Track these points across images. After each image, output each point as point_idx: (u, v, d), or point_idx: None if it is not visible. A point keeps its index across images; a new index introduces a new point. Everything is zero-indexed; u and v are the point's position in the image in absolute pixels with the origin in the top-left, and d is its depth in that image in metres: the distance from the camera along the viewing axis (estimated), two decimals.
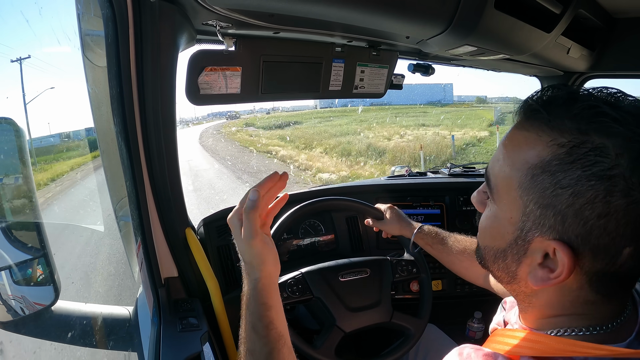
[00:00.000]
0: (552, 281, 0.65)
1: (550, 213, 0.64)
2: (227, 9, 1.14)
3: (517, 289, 0.76)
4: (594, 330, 0.67)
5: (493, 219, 0.76)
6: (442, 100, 65.82)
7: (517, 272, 0.73)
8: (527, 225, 0.68)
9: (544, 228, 0.65)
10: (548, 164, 0.64)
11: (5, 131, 1.02)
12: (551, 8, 1.41)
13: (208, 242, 1.89)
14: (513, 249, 0.71)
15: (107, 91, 1.28)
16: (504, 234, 0.72)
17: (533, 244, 0.68)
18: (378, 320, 1.61)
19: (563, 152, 0.62)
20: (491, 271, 0.81)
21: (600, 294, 0.66)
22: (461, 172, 2.65)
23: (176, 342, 1.34)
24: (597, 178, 0.59)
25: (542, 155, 0.64)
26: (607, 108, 0.61)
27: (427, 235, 1.69)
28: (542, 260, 0.67)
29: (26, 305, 1.10)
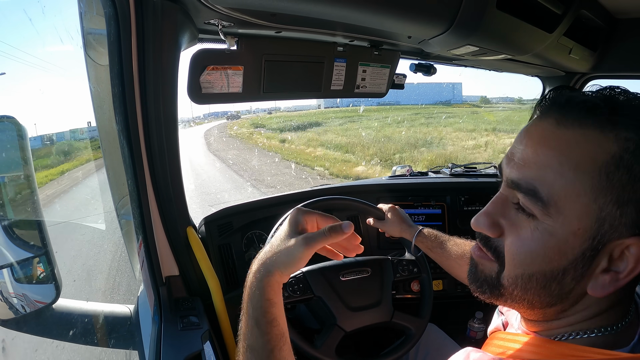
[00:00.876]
0: (622, 281, 0.62)
1: (632, 209, 0.60)
2: (229, 8, 1.14)
3: (547, 311, 0.70)
4: (599, 332, 0.66)
5: (548, 239, 0.65)
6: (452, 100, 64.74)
7: (573, 291, 0.66)
8: (603, 230, 0.61)
9: (623, 228, 0.60)
10: (621, 159, 0.59)
11: (7, 129, 1.02)
12: (553, 8, 1.41)
13: (209, 240, 1.89)
14: (577, 265, 0.64)
15: (109, 90, 1.28)
16: (566, 251, 0.64)
17: (603, 251, 0.62)
18: (379, 320, 1.61)
19: (632, 144, 0.60)
20: (521, 299, 0.70)
21: (624, 290, 0.64)
22: (462, 172, 2.65)
23: (177, 340, 1.34)
24: None
25: (613, 151, 0.60)
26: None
27: (427, 238, 1.68)
28: (608, 265, 0.63)
29: (27, 303, 1.10)
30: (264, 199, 2.14)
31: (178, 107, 1.41)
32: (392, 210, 1.82)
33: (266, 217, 2.04)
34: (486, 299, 0.75)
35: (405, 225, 1.76)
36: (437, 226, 2.30)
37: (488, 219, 0.72)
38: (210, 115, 75.74)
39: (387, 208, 1.83)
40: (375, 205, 1.85)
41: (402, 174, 2.69)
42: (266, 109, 67.66)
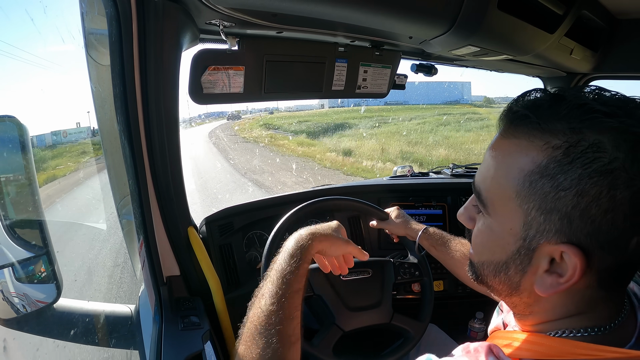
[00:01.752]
0: (562, 286, 0.64)
1: (555, 217, 0.62)
2: (231, 9, 1.15)
3: (518, 300, 0.74)
4: (592, 331, 0.67)
5: (489, 233, 0.73)
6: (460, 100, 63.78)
7: (521, 283, 0.71)
8: (531, 233, 0.65)
9: (549, 234, 0.63)
10: (545, 168, 0.62)
11: (8, 129, 1.03)
12: (554, 9, 1.41)
13: (210, 241, 1.89)
14: (516, 260, 0.69)
15: (111, 90, 1.29)
16: (504, 246, 0.70)
17: (538, 252, 0.66)
18: (378, 321, 1.61)
19: (559, 154, 0.61)
20: (490, 286, 0.78)
21: (605, 290, 0.65)
22: (463, 173, 2.65)
23: (178, 340, 1.34)
24: (598, 174, 0.58)
25: (538, 160, 0.63)
26: (595, 104, 0.61)
27: (432, 237, 1.69)
28: (549, 267, 0.65)
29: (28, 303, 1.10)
30: (264, 199, 2.14)
31: (179, 107, 1.41)
32: (396, 210, 1.84)
33: (267, 218, 2.04)
34: (478, 284, 0.82)
35: (410, 224, 1.77)
36: (438, 227, 2.30)
37: (465, 212, 0.83)
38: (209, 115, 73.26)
39: (391, 209, 1.84)
40: (378, 207, 1.85)
41: (403, 174, 2.69)
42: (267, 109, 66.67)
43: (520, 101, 0.69)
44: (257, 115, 60.27)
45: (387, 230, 1.83)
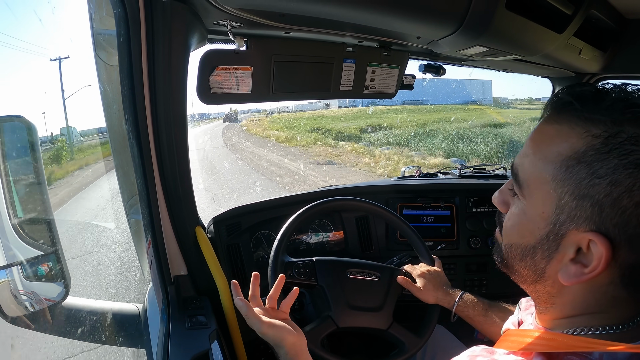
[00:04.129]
0: (586, 276, 0.65)
1: (587, 204, 0.63)
2: (239, 9, 1.15)
3: (542, 289, 0.75)
4: (610, 329, 0.68)
5: (522, 216, 0.74)
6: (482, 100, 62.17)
7: (546, 270, 0.72)
8: (562, 218, 0.67)
9: (579, 220, 0.64)
10: (583, 155, 0.64)
11: (17, 128, 1.03)
12: (563, 9, 1.41)
13: (218, 240, 1.90)
14: (544, 245, 0.70)
15: (119, 90, 1.29)
16: (533, 230, 0.71)
17: (566, 239, 0.67)
18: (374, 326, 1.59)
19: (598, 143, 0.62)
20: (515, 270, 0.79)
21: (627, 290, 0.66)
22: (472, 174, 2.63)
23: (185, 339, 1.35)
24: (634, 166, 0.59)
25: (577, 147, 0.65)
26: (638, 100, 0.63)
27: (469, 306, 1.56)
28: (575, 256, 0.67)
29: (36, 301, 1.11)
30: (272, 199, 2.14)
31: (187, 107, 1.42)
32: (431, 273, 1.68)
33: (275, 218, 2.04)
34: (502, 268, 0.84)
35: (441, 293, 1.62)
36: (446, 227, 2.30)
37: (500, 196, 0.83)
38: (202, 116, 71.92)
39: (427, 270, 1.69)
40: (427, 247, 1.78)
41: (411, 174, 2.69)
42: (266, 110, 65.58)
43: (567, 90, 0.70)
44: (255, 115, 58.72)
45: (413, 293, 1.65)
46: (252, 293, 1.31)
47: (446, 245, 2.23)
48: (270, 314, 1.27)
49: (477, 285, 2.26)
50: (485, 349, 0.77)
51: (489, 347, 0.77)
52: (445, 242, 2.24)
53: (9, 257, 1.04)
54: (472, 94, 61.27)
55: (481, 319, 1.52)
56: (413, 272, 1.69)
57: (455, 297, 1.58)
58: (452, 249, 2.27)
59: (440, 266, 1.73)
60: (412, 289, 1.64)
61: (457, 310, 1.56)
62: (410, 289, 1.64)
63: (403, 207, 2.30)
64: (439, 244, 2.21)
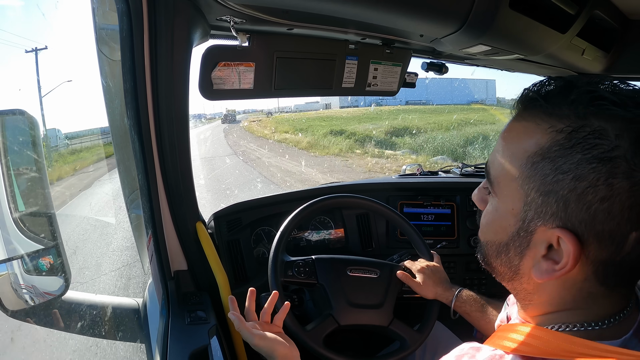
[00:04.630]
0: (557, 273, 0.65)
1: (552, 200, 0.63)
2: (242, 5, 1.15)
3: (519, 286, 0.76)
4: (589, 326, 0.68)
5: (494, 213, 0.75)
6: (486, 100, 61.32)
7: (520, 267, 0.72)
8: (529, 214, 0.67)
9: (546, 216, 0.65)
10: (548, 151, 0.64)
11: (18, 122, 1.03)
12: (566, 9, 1.40)
13: (218, 236, 1.90)
14: (515, 242, 0.71)
15: (121, 85, 1.29)
16: (505, 227, 0.72)
17: (536, 235, 0.67)
18: (375, 322, 1.60)
19: (562, 138, 0.63)
20: (493, 268, 0.80)
21: (605, 286, 0.66)
22: (473, 172, 2.62)
23: (184, 334, 1.35)
24: (597, 160, 0.59)
25: (541, 143, 0.65)
26: (605, 92, 0.62)
27: (466, 302, 1.56)
28: (546, 252, 0.67)
29: (37, 295, 1.11)
30: (273, 196, 2.14)
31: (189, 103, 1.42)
32: (430, 268, 1.69)
33: (275, 214, 2.04)
34: (485, 266, 0.84)
35: (441, 288, 1.63)
36: (446, 226, 2.30)
37: (478, 194, 0.84)
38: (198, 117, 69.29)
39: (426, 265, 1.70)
40: (426, 244, 1.79)
41: (412, 172, 2.68)
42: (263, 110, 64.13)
43: (535, 87, 0.71)
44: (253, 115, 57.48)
45: (412, 287, 1.67)
46: (247, 308, 1.39)
47: (446, 243, 2.23)
48: (263, 328, 1.32)
49: (476, 284, 2.26)
50: (473, 346, 0.77)
51: (476, 345, 0.77)
52: (445, 240, 2.24)
53: (10, 251, 1.05)
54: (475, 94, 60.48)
55: (478, 315, 1.52)
56: (412, 268, 1.70)
57: (453, 293, 1.59)
58: (452, 247, 2.27)
59: (439, 262, 1.74)
60: (412, 284, 1.65)
61: (455, 305, 1.57)
62: (410, 284, 1.65)
63: (404, 205, 2.30)
64: (439, 243, 2.22)
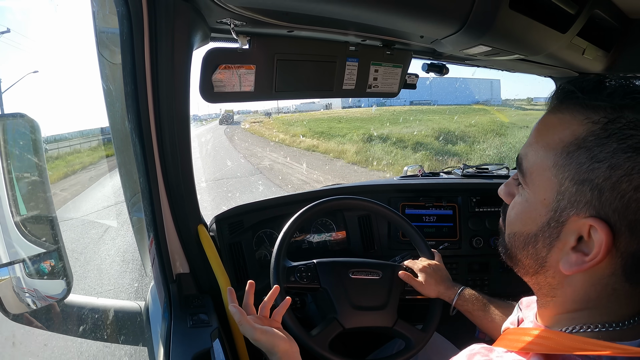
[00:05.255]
0: (587, 264, 0.65)
1: (587, 188, 0.64)
2: (242, 8, 1.15)
3: (543, 280, 0.76)
4: (610, 327, 0.68)
5: (524, 204, 0.76)
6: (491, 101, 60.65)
7: (547, 259, 0.72)
8: (562, 204, 0.68)
9: (579, 205, 0.65)
10: (584, 140, 0.65)
11: (19, 126, 1.03)
12: (566, 8, 1.40)
13: (220, 238, 1.90)
14: (545, 232, 0.71)
15: (122, 88, 1.29)
16: (535, 217, 0.73)
17: (567, 225, 0.68)
18: (380, 324, 1.60)
19: (598, 128, 0.64)
20: (518, 261, 0.80)
21: (629, 282, 0.66)
22: (474, 173, 2.62)
23: (186, 337, 1.35)
24: (632, 150, 0.61)
25: (577, 133, 0.66)
26: (637, 87, 0.65)
27: (468, 301, 1.57)
28: (576, 244, 0.67)
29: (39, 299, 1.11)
30: (275, 198, 2.14)
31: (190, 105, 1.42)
32: (432, 267, 1.68)
33: (277, 216, 2.04)
34: (506, 260, 0.84)
35: (443, 287, 1.63)
36: (448, 227, 2.30)
37: (505, 188, 0.84)
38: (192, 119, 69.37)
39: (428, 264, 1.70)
40: (426, 242, 1.79)
41: (414, 174, 2.68)
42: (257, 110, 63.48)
43: (570, 82, 0.72)
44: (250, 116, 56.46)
45: (414, 287, 1.66)
46: (245, 301, 1.37)
47: (448, 244, 2.23)
48: (263, 322, 1.30)
49: (478, 285, 2.26)
50: (484, 347, 0.77)
51: (487, 346, 0.78)
52: (447, 241, 2.24)
53: (12, 255, 1.05)
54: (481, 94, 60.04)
55: (480, 314, 1.52)
56: (414, 267, 1.69)
57: (455, 292, 1.59)
58: (454, 248, 2.27)
59: (440, 260, 1.74)
60: (414, 283, 1.65)
61: (456, 304, 1.57)
62: (412, 283, 1.65)
63: (405, 207, 2.30)
64: (441, 244, 2.22)
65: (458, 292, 1.58)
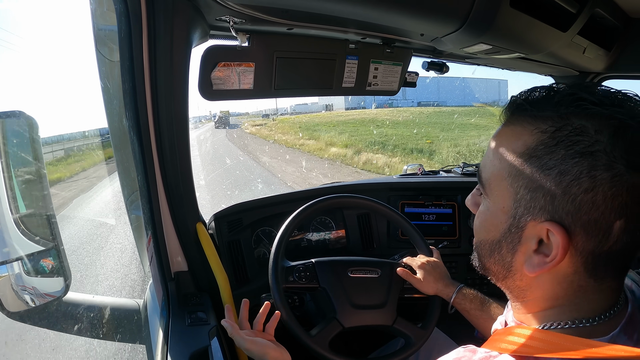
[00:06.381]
0: (548, 265, 0.68)
1: (540, 194, 0.68)
2: (241, 5, 1.15)
3: (512, 283, 0.79)
4: (580, 323, 0.70)
5: (487, 213, 0.79)
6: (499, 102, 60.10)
7: (513, 263, 0.76)
8: (520, 211, 0.71)
9: (535, 210, 0.69)
10: (534, 150, 0.69)
11: (17, 124, 1.03)
12: (567, 7, 1.40)
13: (219, 237, 1.90)
14: (507, 238, 0.75)
15: (120, 86, 1.29)
16: (497, 225, 0.76)
17: (527, 230, 0.71)
18: (380, 322, 1.59)
19: (546, 137, 0.67)
20: (487, 268, 0.83)
21: (594, 278, 0.69)
22: (474, 172, 2.61)
23: (184, 336, 1.35)
24: (579, 155, 0.64)
25: (528, 143, 0.69)
26: (584, 94, 0.67)
27: (466, 299, 1.56)
28: (537, 247, 0.70)
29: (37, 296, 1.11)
30: (273, 196, 2.13)
31: (192, 102, 1.41)
32: (431, 264, 1.67)
33: (276, 214, 2.04)
34: (480, 270, 0.87)
35: (442, 285, 1.62)
36: (448, 225, 2.29)
37: (471, 198, 0.88)
38: None
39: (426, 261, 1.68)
40: (425, 239, 1.78)
41: (413, 172, 2.68)
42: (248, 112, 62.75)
43: (521, 95, 0.76)
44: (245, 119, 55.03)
45: (413, 284, 1.66)
46: (240, 318, 1.46)
47: (448, 243, 2.23)
48: (256, 335, 1.37)
49: (478, 284, 2.25)
50: (469, 348, 0.78)
51: (473, 347, 0.78)
52: (446, 240, 2.24)
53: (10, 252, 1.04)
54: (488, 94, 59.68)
55: (477, 314, 1.51)
56: (412, 264, 1.69)
57: (453, 290, 1.59)
58: (454, 247, 2.26)
59: (439, 257, 1.73)
60: (412, 280, 1.64)
61: (454, 302, 1.57)
62: (411, 280, 1.65)
63: (405, 205, 2.30)
64: (441, 242, 2.21)
65: (456, 289, 1.58)
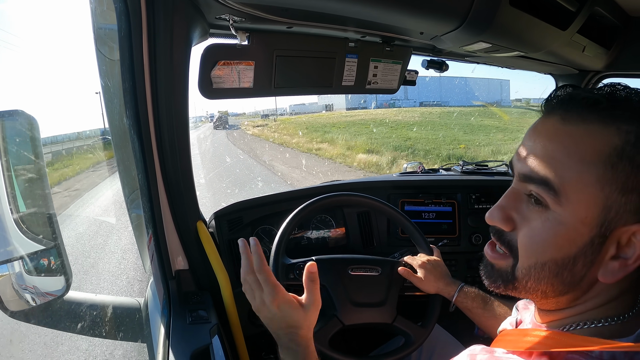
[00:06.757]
0: (629, 267, 0.65)
1: (635, 196, 0.64)
2: (241, 4, 1.14)
3: (564, 299, 0.73)
4: (612, 320, 0.69)
5: (557, 227, 0.68)
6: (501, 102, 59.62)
7: (585, 277, 0.69)
8: (609, 217, 0.65)
9: (626, 215, 0.64)
10: (622, 150, 0.64)
11: (17, 123, 1.03)
12: (567, 5, 1.40)
13: (219, 235, 1.90)
14: (587, 251, 0.67)
15: (120, 84, 1.29)
16: (575, 238, 0.68)
17: (610, 238, 0.66)
18: (379, 320, 1.59)
19: (632, 137, 0.64)
20: (534, 289, 0.74)
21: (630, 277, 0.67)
22: (474, 170, 2.61)
23: (185, 334, 1.35)
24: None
25: (613, 143, 0.64)
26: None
27: (468, 297, 1.55)
28: (616, 252, 0.66)
29: (38, 296, 1.11)
30: (274, 194, 2.13)
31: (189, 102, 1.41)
32: (431, 263, 1.66)
33: (276, 212, 2.04)
34: (502, 291, 0.78)
35: (442, 283, 1.61)
36: (448, 223, 2.30)
37: (502, 212, 0.75)
38: None
39: (427, 260, 1.67)
40: (425, 238, 1.78)
41: (413, 170, 2.68)
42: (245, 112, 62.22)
43: (585, 90, 0.71)
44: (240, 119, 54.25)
45: (414, 283, 1.65)
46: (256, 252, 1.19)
47: (447, 241, 2.23)
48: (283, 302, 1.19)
49: (478, 282, 2.24)
50: (484, 348, 0.77)
51: (488, 347, 0.77)
52: (446, 238, 2.24)
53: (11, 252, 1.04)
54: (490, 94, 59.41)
55: (480, 312, 1.51)
56: (413, 263, 1.68)
57: (455, 288, 1.58)
58: (454, 245, 2.27)
59: (439, 256, 1.73)
60: (413, 279, 1.63)
61: (456, 300, 1.56)
62: (411, 279, 1.64)
63: (405, 203, 2.30)
64: (441, 240, 2.21)
65: (458, 288, 1.58)
